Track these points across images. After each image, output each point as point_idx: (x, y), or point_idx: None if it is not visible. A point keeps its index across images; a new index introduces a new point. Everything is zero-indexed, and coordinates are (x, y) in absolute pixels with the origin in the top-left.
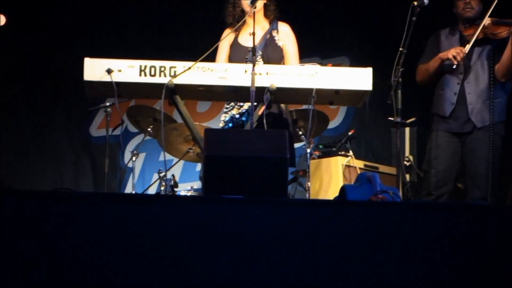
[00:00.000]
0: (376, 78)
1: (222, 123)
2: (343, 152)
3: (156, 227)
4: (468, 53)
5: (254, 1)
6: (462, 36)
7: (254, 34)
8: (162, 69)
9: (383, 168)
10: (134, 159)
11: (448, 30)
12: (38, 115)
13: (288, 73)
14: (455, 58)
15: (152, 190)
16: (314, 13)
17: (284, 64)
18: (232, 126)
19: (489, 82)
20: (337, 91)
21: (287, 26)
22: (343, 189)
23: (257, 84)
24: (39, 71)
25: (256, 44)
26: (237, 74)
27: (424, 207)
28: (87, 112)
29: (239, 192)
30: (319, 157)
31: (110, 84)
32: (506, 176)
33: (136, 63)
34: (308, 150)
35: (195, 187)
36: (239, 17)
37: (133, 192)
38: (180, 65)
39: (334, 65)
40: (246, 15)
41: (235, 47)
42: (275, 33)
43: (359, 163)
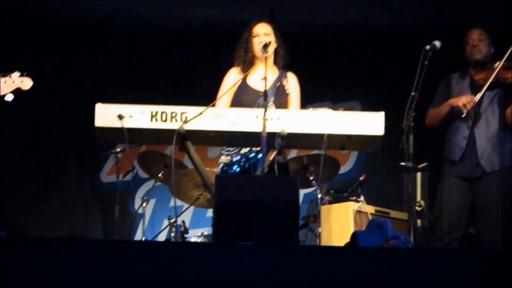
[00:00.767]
0: (388, 123)
1: (222, 165)
2: (354, 198)
3: (166, 274)
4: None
5: (266, 46)
6: (472, 81)
7: (266, 79)
8: (173, 114)
9: (394, 214)
10: (144, 205)
11: (459, 74)
12: (49, 161)
13: (299, 118)
14: (464, 106)
15: (162, 237)
16: (325, 57)
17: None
18: (238, 171)
19: (499, 127)
20: (348, 136)
21: (295, 77)
22: (354, 235)
23: (268, 129)
24: (50, 116)
25: (267, 89)
26: (248, 120)
27: (435, 253)
28: (98, 158)
29: (250, 238)
30: (330, 202)
31: (121, 130)
32: None
33: (147, 109)
34: (319, 196)
35: (206, 233)
36: (248, 60)
37: (143, 238)
38: (191, 110)
39: (345, 109)
40: (255, 59)
41: (243, 88)
42: (285, 81)
43: (370, 209)
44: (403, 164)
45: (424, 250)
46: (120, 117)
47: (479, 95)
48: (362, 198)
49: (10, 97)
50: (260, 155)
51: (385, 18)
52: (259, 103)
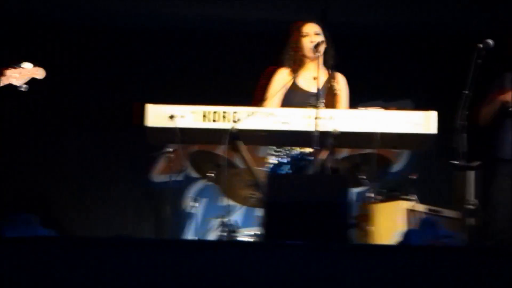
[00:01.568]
0: (441, 122)
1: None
2: (406, 196)
3: (217, 273)
4: None
5: (318, 45)
6: None
7: (318, 78)
8: (225, 114)
9: (446, 212)
10: (196, 204)
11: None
12: (101, 162)
13: (351, 117)
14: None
15: (214, 236)
16: (377, 56)
17: None
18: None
19: None
20: (401, 135)
21: (344, 78)
22: (406, 233)
23: (320, 128)
24: (101, 117)
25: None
26: (299, 119)
27: (488, 252)
28: (149, 157)
29: (300, 238)
30: (381, 201)
31: (172, 130)
32: None
33: (199, 109)
34: (371, 195)
35: (257, 232)
36: (299, 61)
37: (195, 238)
38: (242, 110)
39: (397, 108)
40: (305, 58)
41: (293, 90)
42: (334, 82)
43: (422, 207)
44: (456, 162)
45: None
46: (172, 117)
47: None
48: (414, 197)
49: (25, 87)
50: (310, 157)
51: (438, 16)
52: (310, 102)
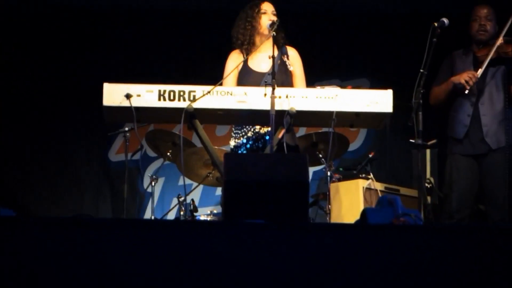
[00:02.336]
0: (397, 100)
1: (232, 148)
2: (363, 175)
3: (175, 252)
4: (482, 74)
5: (274, 24)
6: (475, 57)
7: (274, 57)
8: (181, 93)
9: (404, 191)
10: (153, 184)
11: (462, 51)
12: (58, 141)
13: (307, 96)
14: (467, 83)
15: (171, 215)
16: (333, 35)
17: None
18: (247, 148)
19: (504, 103)
20: (357, 114)
21: (295, 51)
22: (364, 212)
23: (276, 107)
24: (59, 96)
25: (269, 69)
26: (256, 98)
27: (446, 230)
28: (106, 137)
29: (260, 217)
30: (339, 180)
31: (129, 109)
32: None
33: (155, 88)
34: (328, 173)
35: (215, 211)
36: (248, 41)
37: (152, 217)
38: (199, 89)
39: (354, 87)
40: (256, 39)
41: (245, 72)
42: (285, 58)
43: (380, 186)
44: (413, 141)
45: (435, 227)
46: (128, 96)
47: (480, 71)
48: (371, 175)
49: None
50: (267, 136)
51: None
52: (266, 81)
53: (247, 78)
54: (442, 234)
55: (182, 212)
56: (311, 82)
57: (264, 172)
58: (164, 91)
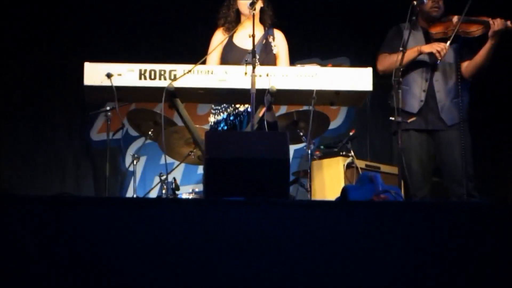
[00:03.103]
0: (376, 78)
1: (211, 124)
2: (344, 153)
3: (157, 230)
4: None
5: (254, 3)
6: (427, 33)
7: (254, 36)
8: (162, 72)
9: (384, 168)
10: (135, 162)
11: (408, 25)
12: (38, 121)
13: (288, 74)
14: (439, 52)
15: (153, 194)
16: (313, 14)
17: None
18: (226, 128)
19: (457, 80)
20: (337, 92)
21: (281, 34)
22: (344, 189)
23: (257, 86)
24: (39, 76)
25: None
26: (237, 77)
27: (427, 206)
28: (87, 116)
29: (241, 194)
30: (320, 157)
31: (110, 88)
32: (508, 175)
33: (136, 67)
34: (309, 151)
35: (196, 189)
36: (232, 19)
37: (134, 195)
38: (180, 68)
39: (334, 65)
40: (241, 16)
41: (229, 48)
42: (271, 39)
43: (360, 163)
44: (393, 119)
45: (415, 203)
46: (108, 75)
47: (449, 42)
48: (352, 153)
49: None
50: (247, 115)
51: None
52: (246, 60)
53: (231, 54)
54: (423, 211)
55: (164, 191)
56: (292, 62)
57: (245, 150)
58: (145, 70)
